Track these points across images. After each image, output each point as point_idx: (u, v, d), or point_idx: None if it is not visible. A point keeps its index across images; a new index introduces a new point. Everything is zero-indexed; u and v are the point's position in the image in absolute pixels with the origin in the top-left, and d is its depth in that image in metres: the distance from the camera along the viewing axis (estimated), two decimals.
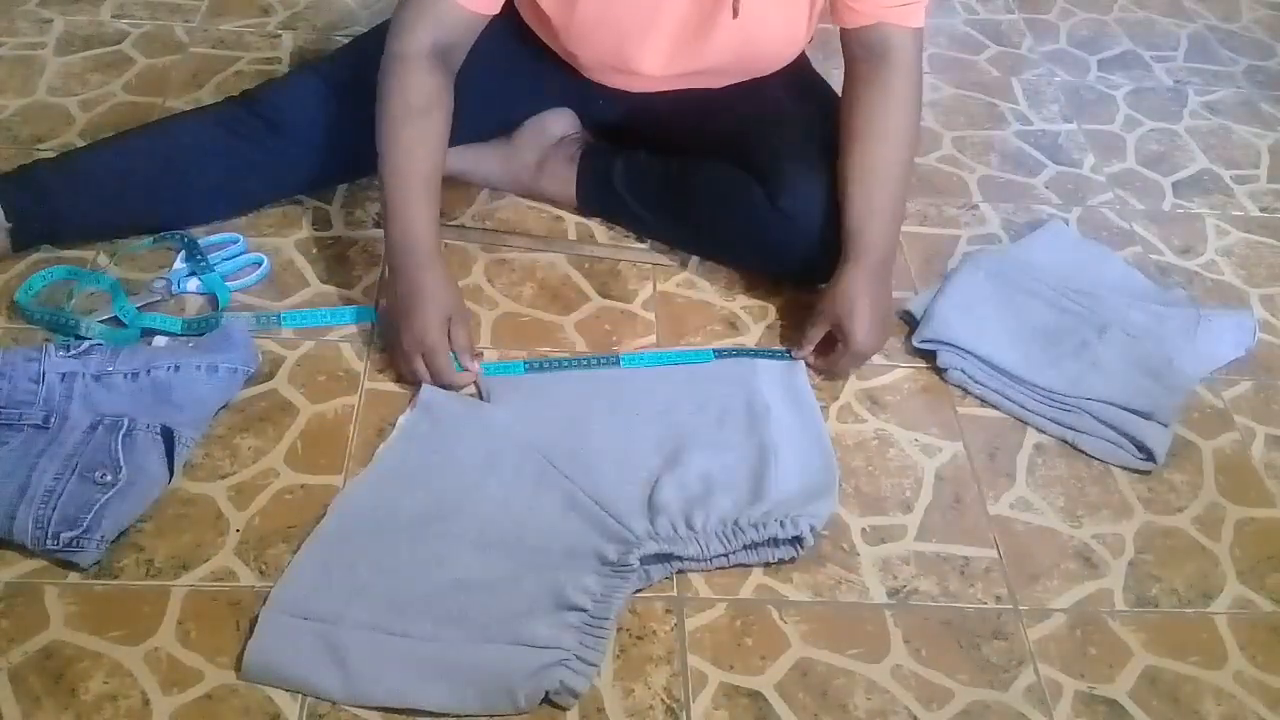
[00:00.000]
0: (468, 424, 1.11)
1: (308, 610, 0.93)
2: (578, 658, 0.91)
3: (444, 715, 0.90)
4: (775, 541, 1.01)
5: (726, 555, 1.01)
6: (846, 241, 1.20)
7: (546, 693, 0.90)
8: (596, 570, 0.97)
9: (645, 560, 0.98)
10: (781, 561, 1.03)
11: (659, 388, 1.17)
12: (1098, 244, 1.43)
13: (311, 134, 1.28)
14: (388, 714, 0.90)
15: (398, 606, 0.94)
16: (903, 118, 1.20)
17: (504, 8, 1.17)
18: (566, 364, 1.18)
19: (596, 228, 1.38)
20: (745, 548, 1.01)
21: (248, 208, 1.33)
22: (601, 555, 0.98)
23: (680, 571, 1.02)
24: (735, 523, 1.01)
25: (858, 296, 1.18)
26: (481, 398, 1.14)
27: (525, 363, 1.18)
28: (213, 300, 1.22)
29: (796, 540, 1.02)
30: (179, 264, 1.25)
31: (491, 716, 0.90)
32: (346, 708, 0.90)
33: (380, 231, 1.33)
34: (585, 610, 0.94)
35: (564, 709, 0.91)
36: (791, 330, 1.27)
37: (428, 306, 1.12)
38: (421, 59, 1.13)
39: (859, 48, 1.20)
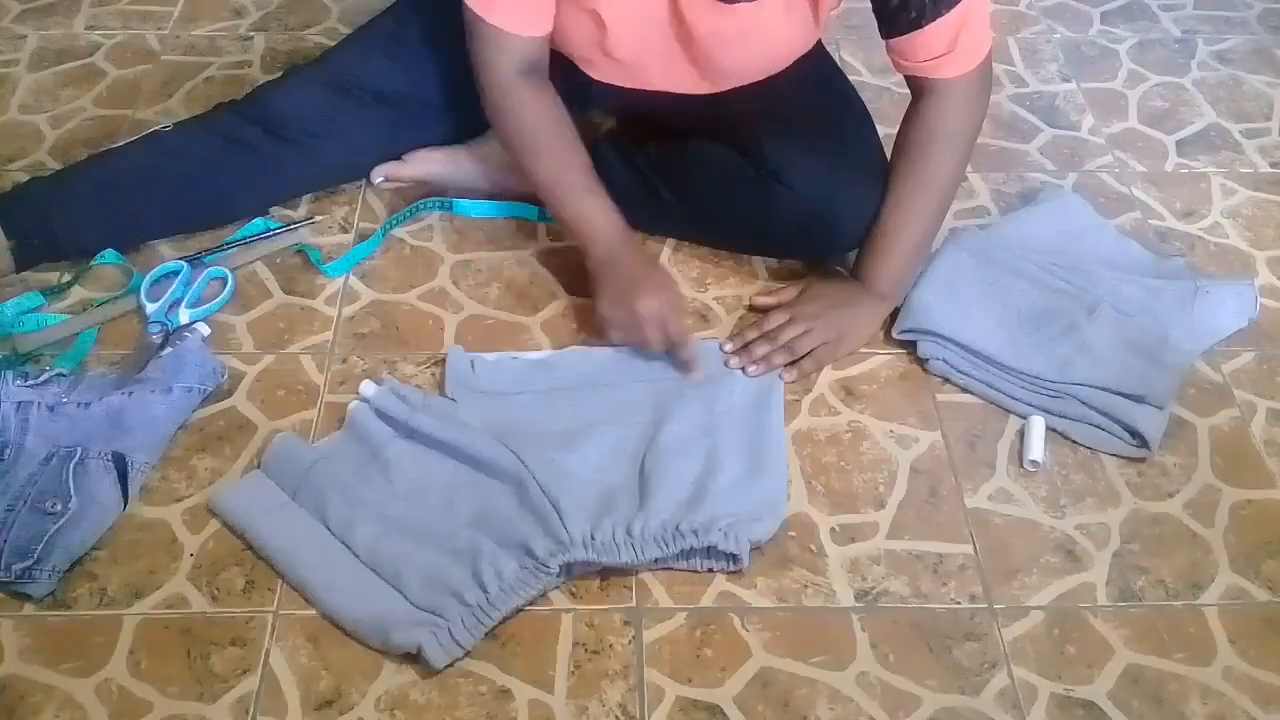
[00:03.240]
0: (436, 406, 1.11)
1: (287, 486, 1.03)
2: (450, 632, 0.92)
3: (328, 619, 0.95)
4: (712, 552, 0.98)
5: (661, 560, 0.99)
6: (855, 263, 1.23)
7: (421, 648, 0.92)
8: (519, 560, 0.96)
9: (571, 564, 0.98)
10: (711, 570, 1.00)
11: (623, 380, 1.14)
12: (1092, 213, 1.36)
13: (314, 137, 1.28)
14: None
15: (350, 519, 0.99)
16: (939, 164, 1.18)
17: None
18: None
19: None
20: (682, 553, 0.98)
21: (247, 214, 1.32)
22: (529, 548, 0.97)
23: (636, 573, 1.00)
24: (677, 527, 0.98)
25: (825, 296, 1.20)
26: (442, 393, 1.13)
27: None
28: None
29: (733, 557, 0.98)
30: (149, 303, 1.21)
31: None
32: None
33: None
34: (487, 592, 0.94)
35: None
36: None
37: (655, 288, 1.14)
38: (521, 80, 1.16)
39: (910, 82, 1.18)
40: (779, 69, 1.23)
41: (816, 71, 1.28)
